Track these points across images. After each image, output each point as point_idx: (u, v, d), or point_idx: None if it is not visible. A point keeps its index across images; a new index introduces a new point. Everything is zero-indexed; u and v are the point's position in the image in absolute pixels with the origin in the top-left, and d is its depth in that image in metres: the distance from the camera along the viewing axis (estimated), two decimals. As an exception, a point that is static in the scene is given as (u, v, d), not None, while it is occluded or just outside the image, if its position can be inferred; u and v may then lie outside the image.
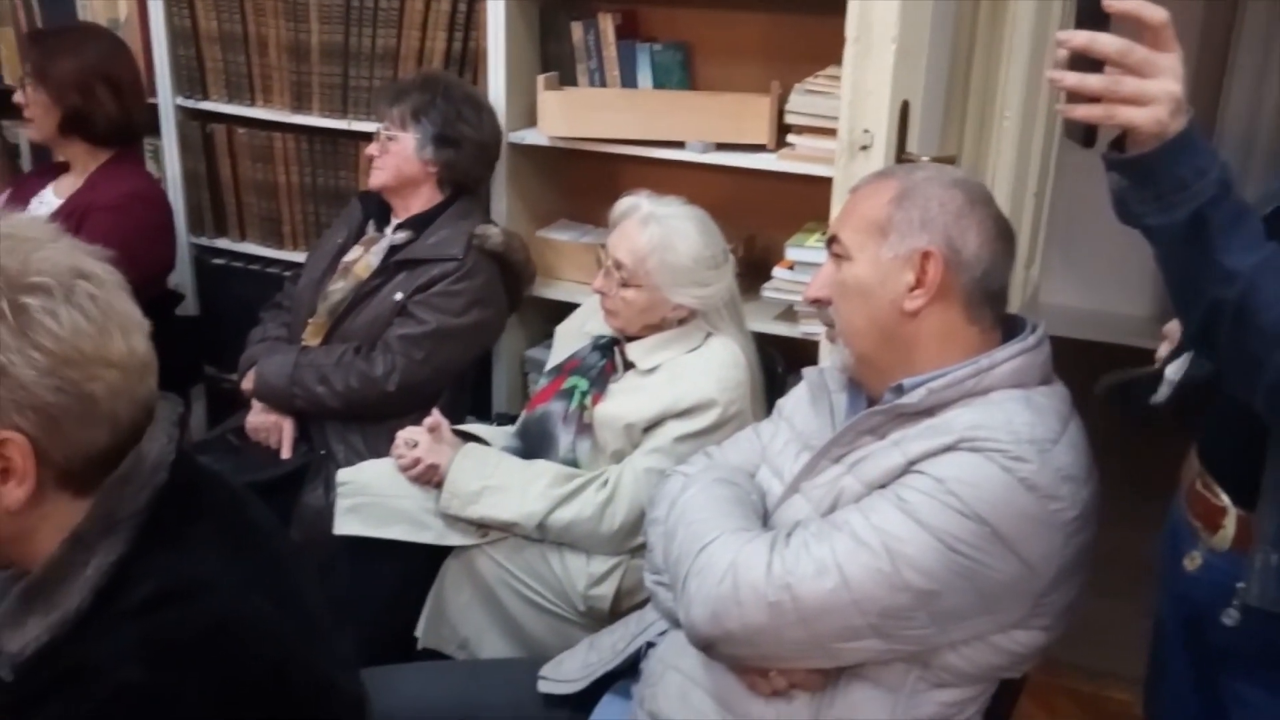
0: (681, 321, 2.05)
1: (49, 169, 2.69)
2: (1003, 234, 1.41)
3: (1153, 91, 1.07)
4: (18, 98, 2.52)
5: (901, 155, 1.88)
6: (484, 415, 2.53)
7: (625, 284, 2.02)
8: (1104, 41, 1.08)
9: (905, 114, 1.87)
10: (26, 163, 3.07)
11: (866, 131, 1.83)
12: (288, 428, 2.35)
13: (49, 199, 2.56)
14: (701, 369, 2.01)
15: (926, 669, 1.32)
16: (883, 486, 1.32)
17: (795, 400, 1.59)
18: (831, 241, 1.45)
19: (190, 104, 2.85)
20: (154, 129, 2.82)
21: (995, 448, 1.26)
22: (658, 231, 2.00)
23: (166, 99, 2.84)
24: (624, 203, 2.07)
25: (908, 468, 1.30)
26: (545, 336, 2.63)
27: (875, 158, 1.83)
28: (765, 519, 1.47)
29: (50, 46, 2.49)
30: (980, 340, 1.39)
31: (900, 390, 1.37)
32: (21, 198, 2.56)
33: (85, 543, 1.01)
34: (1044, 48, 2.55)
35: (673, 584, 1.43)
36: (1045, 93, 2.68)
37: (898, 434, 1.35)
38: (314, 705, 1.07)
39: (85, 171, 2.53)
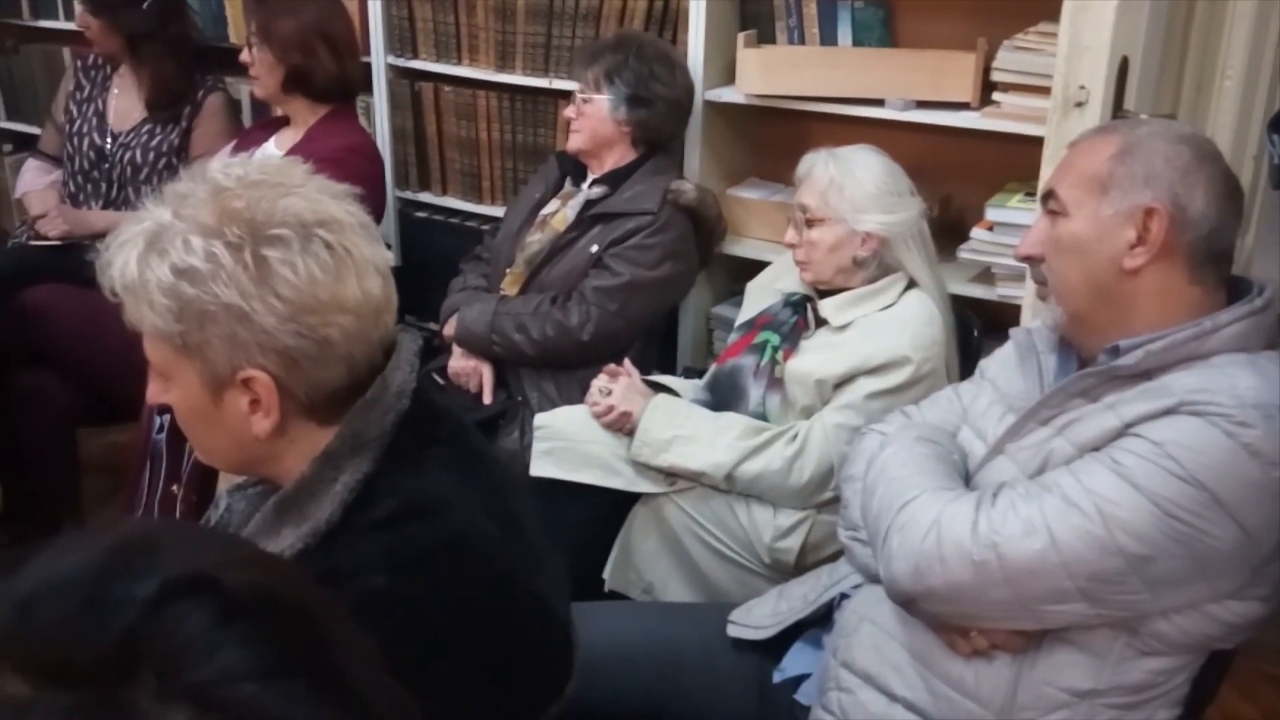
0: (870, 280, 2.04)
1: (269, 123, 2.83)
2: (1231, 192, 1.36)
3: None
4: (243, 57, 2.63)
5: (1118, 113, 1.82)
6: (669, 369, 2.56)
7: (810, 223, 2.02)
8: None
9: (1124, 71, 1.80)
10: (246, 117, 3.25)
11: (1083, 88, 1.78)
12: (487, 373, 2.43)
13: (271, 151, 2.70)
14: (895, 326, 2.00)
15: (1135, 636, 1.30)
16: (1095, 449, 1.30)
17: (1000, 361, 1.57)
18: (1047, 197, 1.42)
19: (400, 63, 2.96)
20: (366, 86, 2.94)
21: (1218, 412, 1.22)
22: (836, 165, 2.03)
23: (379, 58, 2.95)
24: (806, 159, 2.08)
25: (1123, 430, 1.28)
26: (732, 294, 2.65)
27: (1091, 115, 1.78)
28: (966, 480, 1.46)
29: (273, 8, 2.60)
30: (1203, 301, 1.35)
31: (1116, 351, 1.34)
32: (245, 150, 2.71)
33: (335, 461, 1.09)
34: (1270, 7, 2.41)
35: (872, 540, 1.44)
36: (1270, 54, 2.53)
37: (1112, 397, 1.32)
38: (530, 622, 1.14)
39: (304, 125, 2.64)
